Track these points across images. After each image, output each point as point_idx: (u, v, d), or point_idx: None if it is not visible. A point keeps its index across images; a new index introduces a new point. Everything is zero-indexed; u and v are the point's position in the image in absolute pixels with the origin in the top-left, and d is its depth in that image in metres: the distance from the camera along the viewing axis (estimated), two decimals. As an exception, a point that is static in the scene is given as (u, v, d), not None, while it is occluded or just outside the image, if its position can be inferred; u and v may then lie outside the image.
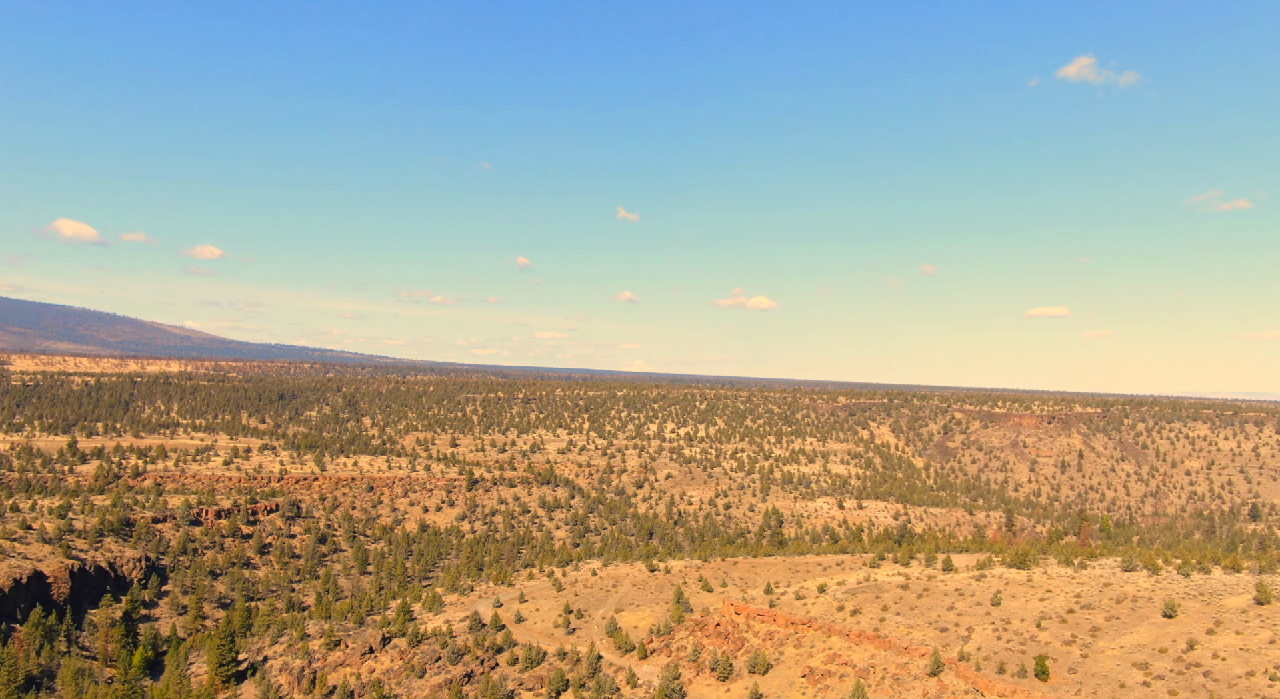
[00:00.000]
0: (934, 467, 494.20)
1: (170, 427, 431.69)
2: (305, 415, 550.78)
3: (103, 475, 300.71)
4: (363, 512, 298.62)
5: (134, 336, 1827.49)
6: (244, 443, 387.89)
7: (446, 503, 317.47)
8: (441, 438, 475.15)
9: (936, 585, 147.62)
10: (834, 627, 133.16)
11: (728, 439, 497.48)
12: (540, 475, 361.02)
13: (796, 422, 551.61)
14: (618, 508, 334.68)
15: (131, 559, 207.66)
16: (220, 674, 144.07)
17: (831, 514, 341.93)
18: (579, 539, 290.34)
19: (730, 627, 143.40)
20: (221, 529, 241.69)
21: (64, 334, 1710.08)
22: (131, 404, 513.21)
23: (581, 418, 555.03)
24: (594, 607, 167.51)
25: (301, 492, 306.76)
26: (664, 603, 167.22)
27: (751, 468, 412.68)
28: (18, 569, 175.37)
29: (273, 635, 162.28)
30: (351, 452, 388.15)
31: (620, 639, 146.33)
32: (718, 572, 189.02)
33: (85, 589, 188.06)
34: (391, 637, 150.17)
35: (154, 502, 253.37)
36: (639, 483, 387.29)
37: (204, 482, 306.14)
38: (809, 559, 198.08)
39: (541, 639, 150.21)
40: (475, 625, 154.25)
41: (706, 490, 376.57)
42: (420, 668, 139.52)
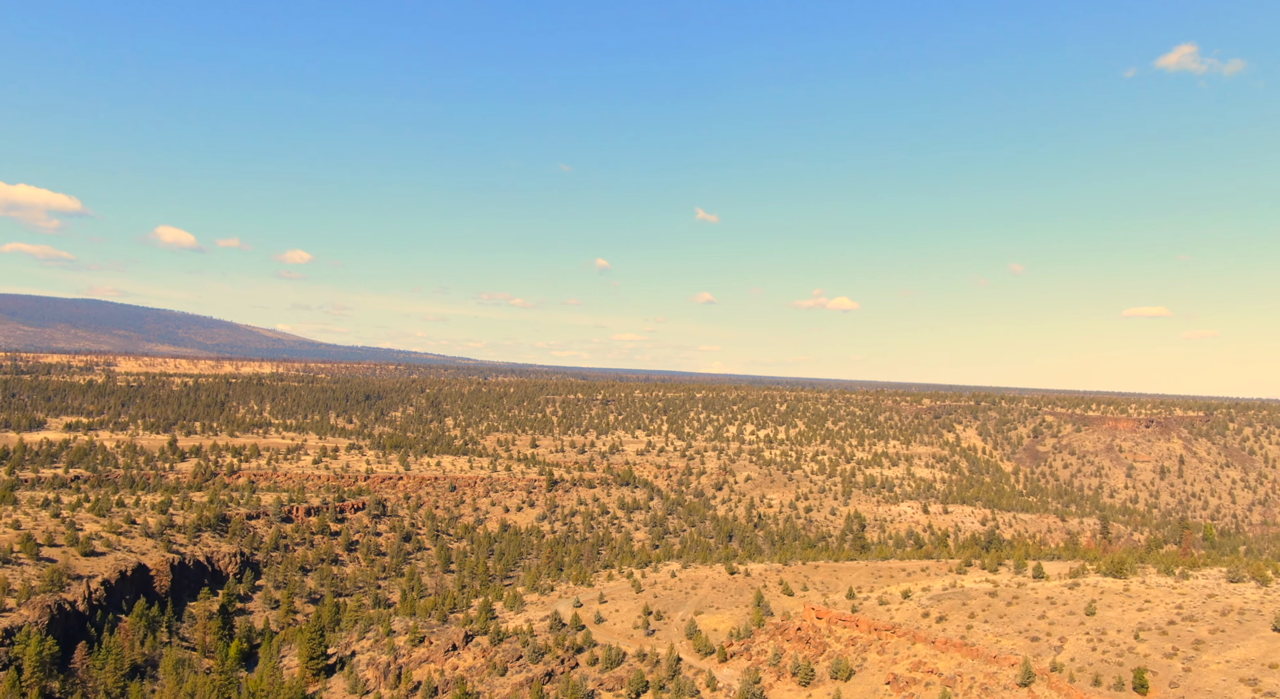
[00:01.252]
0: (1023, 471, 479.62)
1: (263, 426, 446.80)
2: (390, 416, 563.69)
3: (200, 473, 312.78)
4: (445, 511, 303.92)
5: (229, 339, 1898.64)
6: (332, 442, 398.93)
7: (527, 503, 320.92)
8: (522, 439, 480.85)
9: (1027, 593, 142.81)
10: (919, 633, 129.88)
11: (808, 441, 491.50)
12: (619, 477, 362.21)
13: (879, 424, 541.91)
14: (697, 510, 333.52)
15: (227, 554, 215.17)
16: (310, 667, 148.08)
17: (916, 519, 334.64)
18: (658, 541, 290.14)
19: (811, 631, 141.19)
20: (311, 526, 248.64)
21: (165, 337, 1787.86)
22: (227, 404, 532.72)
23: (660, 419, 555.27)
24: (673, 609, 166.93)
25: (387, 491, 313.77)
26: (744, 606, 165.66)
27: (833, 471, 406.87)
28: (124, 562, 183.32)
29: (360, 631, 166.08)
30: (435, 452, 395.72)
31: (700, 642, 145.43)
32: (798, 575, 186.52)
33: (185, 582, 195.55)
34: (474, 634, 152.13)
35: (248, 499, 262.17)
36: (718, 485, 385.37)
37: (295, 480, 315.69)
38: (892, 564, 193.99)
39: (621, 640, 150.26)
40: (555, 625, 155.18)
41: (787, 493, 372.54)
42: (502, 666, 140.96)
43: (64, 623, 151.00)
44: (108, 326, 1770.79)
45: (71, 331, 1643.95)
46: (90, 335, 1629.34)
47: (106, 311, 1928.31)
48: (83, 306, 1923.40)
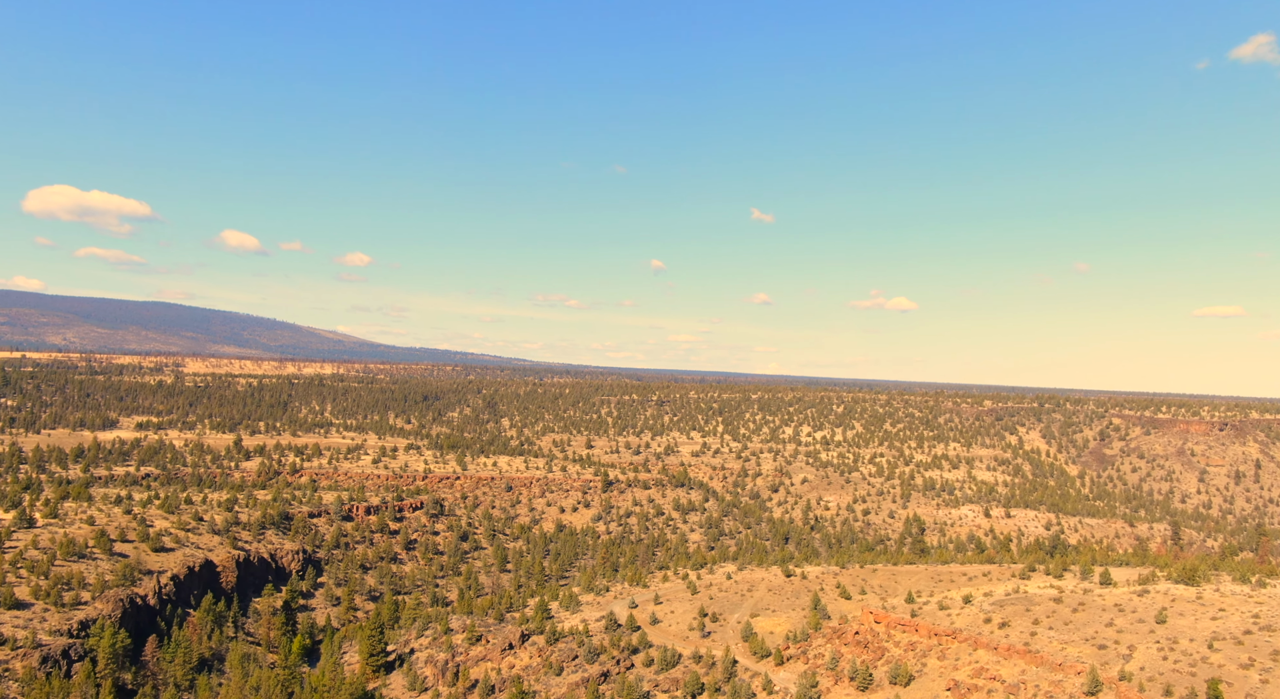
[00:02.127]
0: (1089, 475, 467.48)
1: (324, 426, 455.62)
2: (447, 416, 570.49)
3: (264, 471, 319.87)
4: (502, 511, 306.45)
5: (291, 341, 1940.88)
6: (391, 442, 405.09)
7: (582, 504, 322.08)
8: (577, 439, 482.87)
9: (1093, 600, 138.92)
10: (980, 639, 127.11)
11: (866, 443, 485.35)
12: (674, 478, 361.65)
13: (939, 426, 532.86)
14: (752, 512, 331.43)
15: (290, 551, 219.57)
16: (371, 664, 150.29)
17: (977, 522, 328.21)
18: (713, 542, 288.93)
19: (870, 635, 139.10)
20: (371, 525, 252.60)
21: (231, 338, 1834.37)
22: (289, 404, 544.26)
23: (715, 421, 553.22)
24: (729, 611, 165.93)
25: (444, 490, 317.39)
26: (800, 609, 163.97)
27: (891, 473, 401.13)
28: (191, 558, 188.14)
29: (418, 629, 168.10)
30: (491, 452, 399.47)
31: (756, 644, 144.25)
32: (856, 579, 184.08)
33: (250, 578, 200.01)
34: (530, 634, 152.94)
35: (310, 497, 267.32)
36: (774, 487, 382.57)
37: (355, 479, 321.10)
38: (953, 568, 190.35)
39: (676, 641, 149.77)
40: (611, 625, 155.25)
41: (844, 496, 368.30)
42: (558, 665, 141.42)
43: (135, 616, 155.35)
44: (176, 328, 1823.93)
45: (142, 333, 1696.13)
46: (160, 337, 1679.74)
47: (175, 314, 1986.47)
48: (153, 309, 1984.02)
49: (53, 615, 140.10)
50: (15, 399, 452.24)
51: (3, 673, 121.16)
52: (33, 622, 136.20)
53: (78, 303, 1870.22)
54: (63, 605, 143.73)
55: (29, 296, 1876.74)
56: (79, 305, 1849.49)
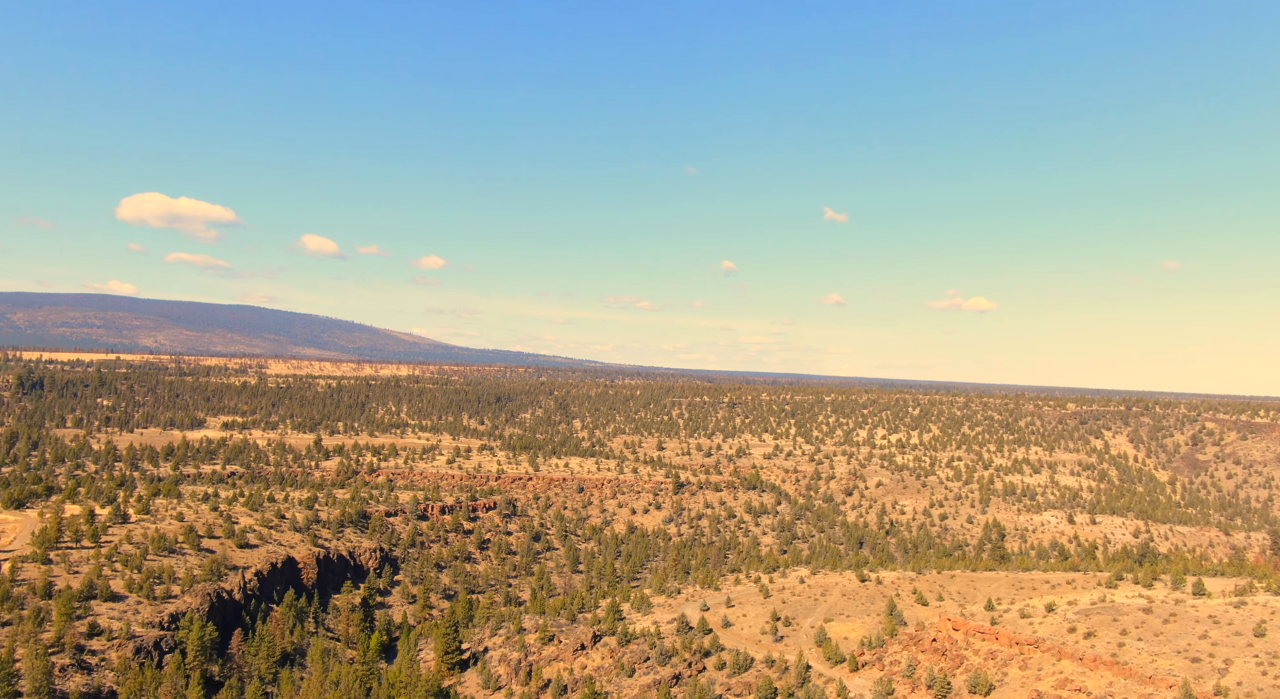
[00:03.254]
0: (1180, 481, 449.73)
1: (400, 427, 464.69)
2: (520, 417, 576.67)
3: (343, 471, 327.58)
4: (574, 512, 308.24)
5: (369, 343, 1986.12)
6: (465, 443, 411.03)
7: (653, 505, 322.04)
8: (648, 441, 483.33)
9: (1186, 611, 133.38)
10: (1065, 649, 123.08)
11: (943, 447, 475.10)
12: (746, 480, 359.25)
13: (1019, 429, 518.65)
14: (826, 515, 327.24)
15: (368, 549, 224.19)
16: (446, 661, 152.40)
17: (1060, 529, 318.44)
18: (786, 546, 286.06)
19: (948, 643, 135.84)
20: (445, 524, 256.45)
21: (311, 341, 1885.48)
22: (367, 405, 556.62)
23: (788, 423, 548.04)
24: (802, 615, 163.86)
25: (517, 491, 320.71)
26: (875, 615, 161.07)
27: (969, 477, 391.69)
28: (274, 554, 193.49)
29: (492, 627, 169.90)
30: (563, 453, 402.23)
31: (830, 649, 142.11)
32: (933, 585, 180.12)
33: (329, 575, 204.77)
34: (602, 635, 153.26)
35: (387, 496, 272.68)
36: (848, 490, 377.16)
37: (430, 479, 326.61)
38: (1034, 576, 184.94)
39: (748, 645, 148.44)
40: (683, 628, 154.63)
41: (920, 500, 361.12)
42: (630, 667, 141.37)
43: (222, 610, 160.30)
44: (259, 331, 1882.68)
45: (228, 336, 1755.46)
46: (244, 339, 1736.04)
47: (258, 317, 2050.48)
48: (237, 312, 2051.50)
49: (145, 608, 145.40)
50: (110, 399, 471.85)
51: (99, 663, 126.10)
52: (127, 614, 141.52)
53: (168, 306, 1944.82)
54: (154, 598, 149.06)
55: (123, 301, 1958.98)
56: (169, 309, 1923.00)
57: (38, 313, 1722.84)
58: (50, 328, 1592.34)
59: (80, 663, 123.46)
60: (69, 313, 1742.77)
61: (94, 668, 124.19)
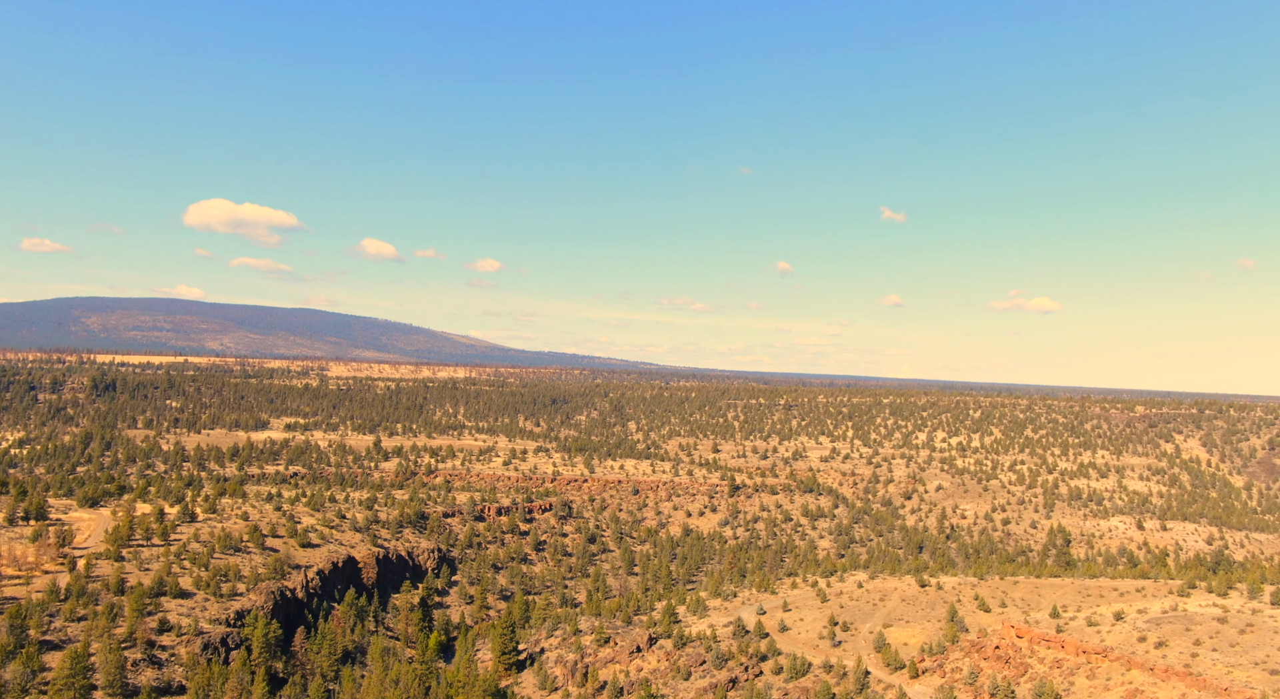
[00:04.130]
0: (1257, 487, 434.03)
1: (457, 428, 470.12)
2: (575, 419, 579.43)
3: (401, 472, 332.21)
4: (629, 514, 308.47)
5: (427, 345, 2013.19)
6: (521, 445, 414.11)
7: (709, 508, 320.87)
8: (703, 443, 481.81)
9: (1264, 621, 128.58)
10: (1134, 659, 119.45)
11: (1005, 450, 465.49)
12: (803, 483, 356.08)
13: (1085, 433, 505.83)
14: (884, 519, 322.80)
15: (426, 550, 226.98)
16: (503, 662, 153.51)
17: (1128, 535, 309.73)
18: (843, 550, 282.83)
19: (1011, 651, 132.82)
20: (502, 526, 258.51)
21: (370, 343, 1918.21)
22: (425, 407, 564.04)
23: (845, 425, 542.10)
24: (860, 620, 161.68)
25: (572, 492, 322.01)
26: (936, 621, 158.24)
27: (1033, 482, 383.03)
28: (335, 554, 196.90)
29: (548, 629, 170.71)
30: (618, 455, 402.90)
31: (889, 655, 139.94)
32: (995, 591, 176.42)
33: (388, 575, 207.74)
34: (658, 637, 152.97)
35: (444, 498, 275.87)
36: (907, 494, 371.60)
37: (486, 480, 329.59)
38: (1102, 583, 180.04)
39: (806, 650, 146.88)
40: (739, 631, 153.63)
41: (982, 504, 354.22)
42: (686, 670, 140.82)
43: (285, 608, 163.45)
44: (321, 334, 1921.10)
45: (290, 339, 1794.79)
46: (306, 342, 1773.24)
47: (320, 320, 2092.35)
48: (299, 316, 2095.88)
49: (212, 605, 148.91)
50: (179, 401, 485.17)
51: (169, 658, 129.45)
52: (195, 610, 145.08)
53: (233, 310, 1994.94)
54: (220, 596, 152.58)
55: (190, 305, 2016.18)
56: (234, 312, 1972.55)
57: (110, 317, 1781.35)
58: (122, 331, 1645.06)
59: (151, 658, 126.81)
60: (139, 317, 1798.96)
61: (164, 663, 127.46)
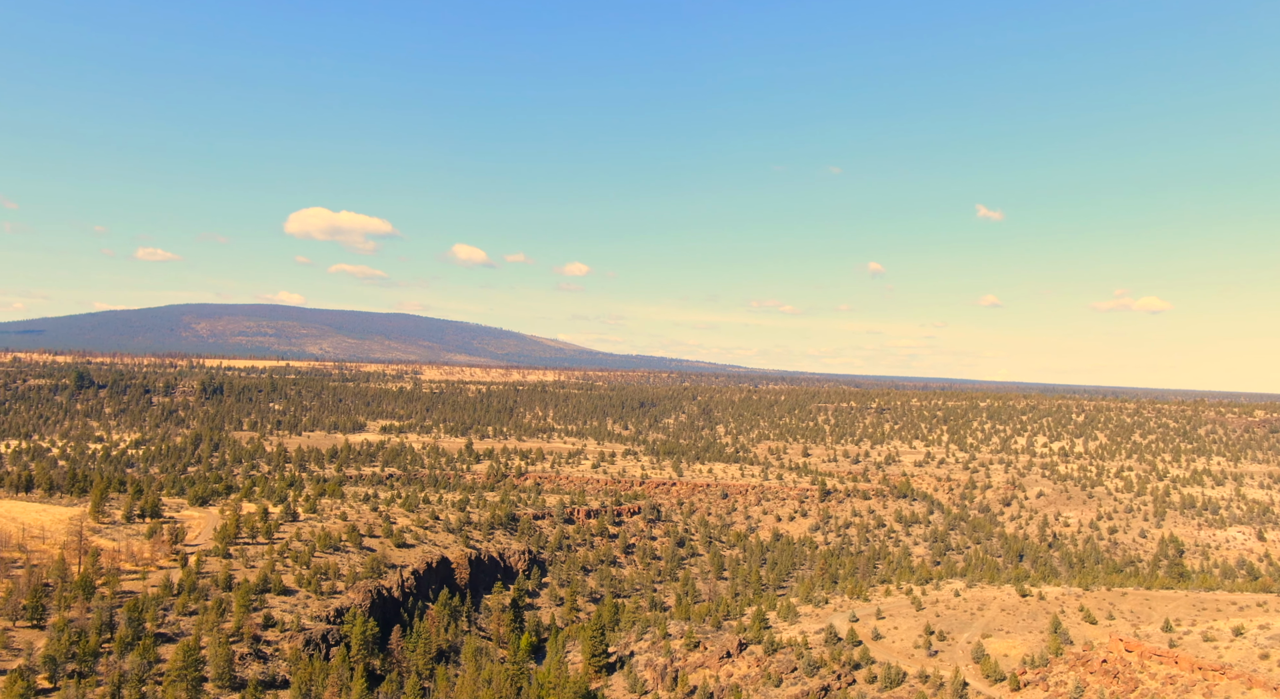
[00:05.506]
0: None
1: (546, 431, 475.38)
2: (663, 423, 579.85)
3: (492, 474, 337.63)
4: (718, 518, 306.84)
5: (516, 349, 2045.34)
6: (609, 448, 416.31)
7: (799, 513, 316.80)
8: (793, 447, 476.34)
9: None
10: (1256, 678, 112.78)
11: (1111, 456, 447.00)
12: (896, 488, 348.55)
13: (1199, 438, 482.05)
14: (981, 526, 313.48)
15: (517, 552, 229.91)
16: (593, 664, 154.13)
17: (1247, 546, 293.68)
18: (939, 557, 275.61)
19: (1120, 665, 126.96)
20: (591, 528, 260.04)
21: (462, 347, 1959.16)
22: (515, 410, 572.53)
23: (940, 429, 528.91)
24: (957, 629, 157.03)
25: (661, 496, 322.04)
26: (1038, 632, 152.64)
27: (1141, 489, 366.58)
28: (429, 554, 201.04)
29: (638, 632, 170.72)
30: (706, 459, 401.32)
31: (988, 666, 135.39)
32: (1102, 602, 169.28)
33: (480, 576, 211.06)
34: (748, 643, 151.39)
35: (534, 500, 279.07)
36: (1006, 500, 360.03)
37: (575, 483, 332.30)
38: (1219, 596, 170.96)
39: (900, 659, 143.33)
40: (831, 638, 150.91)
41: (1086, 512, 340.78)
42: (776, 676, 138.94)
43: (382, 607, 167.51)
44: (414, 338, 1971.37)
45: (385, 343, 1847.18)
46: (400, 346, 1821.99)
47: (413, 325, 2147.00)
48: (394, 320, 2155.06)
49: (313, 602, 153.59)
50: (281, 404, 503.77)
51: (273, 652, 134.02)
52: (297, 607, 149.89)
53: (331, 315, 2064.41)
54: (321, 593, 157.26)
55: (291, 310, 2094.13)
56: (332, 318, 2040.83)
57: (218, 323, 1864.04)
58: (228, 336, 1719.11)
59: (257, 652, 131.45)
60: (244, 322, 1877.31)
61: (269, 657, 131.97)
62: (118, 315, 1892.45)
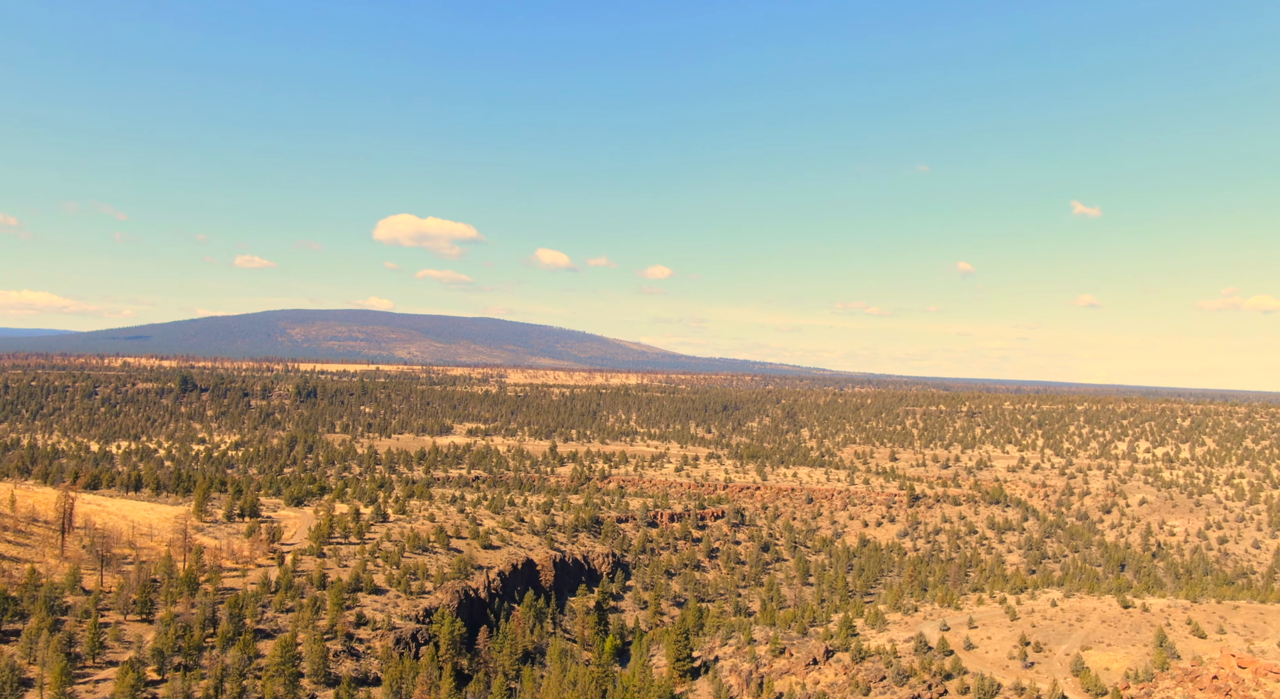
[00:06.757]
0: None
1: (629, 435, 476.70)
2: (746, 426, 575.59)
3: (576, 477, 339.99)
4: (802, 522, 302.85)
5: (599, 352, 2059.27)
6: (692, 451, 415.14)
7: (886, 518, 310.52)
8: (880, 452, 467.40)
9: None
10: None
11: (1220, 462, 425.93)
12: (988, 494, 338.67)
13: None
14: (1079, 534, 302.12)
15: (601, 554, 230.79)
16: (677, 668, 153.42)
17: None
18: (1034, 565, 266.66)
19: (1232, 682, 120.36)
20: (674, 532, 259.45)
21: (545, 351, 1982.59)
22: (598, 413, 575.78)
23: (1034, 434, 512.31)
24: (1054, 641, 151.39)
25: (744, 500, 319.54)
26: (1141, 645, 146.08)
27: (1255, 497, 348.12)
28: (515, 556, 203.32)
29: (722, 637, 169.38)
30: (791, 463, 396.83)
31: (1088, 680, 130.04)
32: (1212, 616, 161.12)
33: (565, 578, 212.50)
34: (834, 650, 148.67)
35: (617, 503, 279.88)
36: (1105, 508, 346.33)
37: (658, 486, 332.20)
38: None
39: (995, 670, 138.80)
40: (920, 647, 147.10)
41: (1193, 521, 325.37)
42: (864, 685, 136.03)
43: (469, 607, 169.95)
44: (499, 342, 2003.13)
45: (471, 347, 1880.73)
46: (486, 350, 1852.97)
47: (498, 329, 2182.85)
48: (479, 325, 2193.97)
49: (403, 602, 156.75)
50: (371, 407, 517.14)
51: (365, 650, 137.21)
52: (387, 606, 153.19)
53: (419, 320, 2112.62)
54: (410, 593, 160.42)
55: (381, 315, 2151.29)
56: (420, 322, 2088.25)
57: (311, 328, 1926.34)
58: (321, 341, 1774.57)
59: (350, 650, 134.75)
60: (336, 327, 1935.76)
61: (361, 655, 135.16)
62: (218, 321, 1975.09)
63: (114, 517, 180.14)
